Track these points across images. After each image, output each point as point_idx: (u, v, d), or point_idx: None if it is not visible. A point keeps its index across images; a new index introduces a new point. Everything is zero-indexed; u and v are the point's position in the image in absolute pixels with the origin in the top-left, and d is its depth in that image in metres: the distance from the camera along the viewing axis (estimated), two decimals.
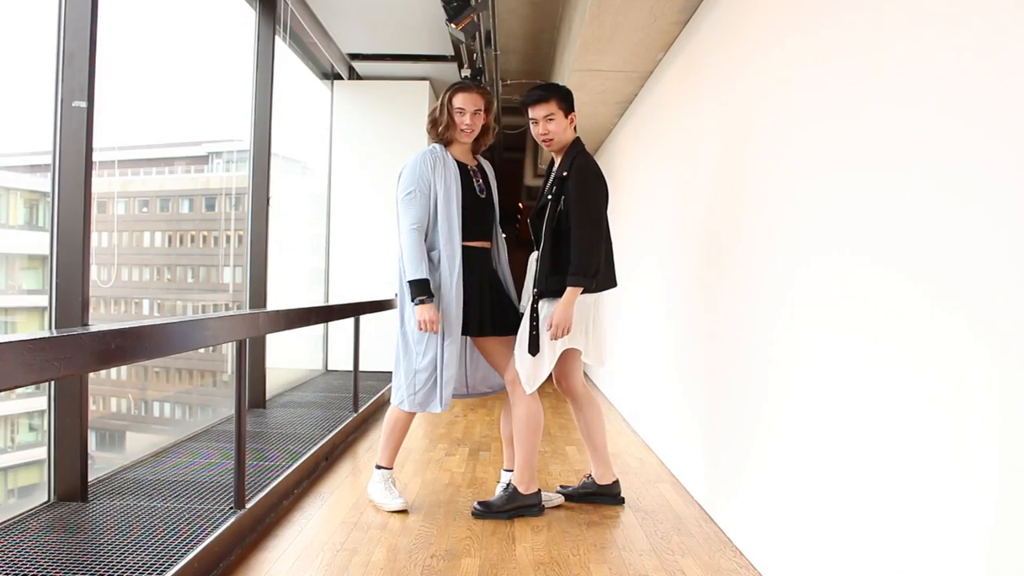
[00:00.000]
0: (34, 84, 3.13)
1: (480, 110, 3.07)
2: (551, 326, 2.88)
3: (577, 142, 3.06)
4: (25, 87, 3.30)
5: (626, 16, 3.67)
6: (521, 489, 2.99)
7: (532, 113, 3.04)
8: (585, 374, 7.45)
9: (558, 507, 3.14)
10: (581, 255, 2.87)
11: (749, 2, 2.83)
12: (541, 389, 3.03)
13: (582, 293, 2.93)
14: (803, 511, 2.16)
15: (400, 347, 3.08)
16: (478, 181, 3.11)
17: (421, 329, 2.95)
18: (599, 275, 2.92)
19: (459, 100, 3.04)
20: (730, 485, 2.83)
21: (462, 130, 3.06)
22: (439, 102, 3.10)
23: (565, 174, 2.95)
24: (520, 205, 14.24)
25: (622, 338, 5.43)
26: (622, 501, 3.18)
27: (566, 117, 3.02)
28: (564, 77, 5.03)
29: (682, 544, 2.72)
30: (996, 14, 1.39)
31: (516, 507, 2.97)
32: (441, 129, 3.07)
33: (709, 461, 3.11)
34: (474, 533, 2.80)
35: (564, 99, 3.02)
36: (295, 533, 2.78)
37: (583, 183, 2.92)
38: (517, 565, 2.49)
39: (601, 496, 3.17)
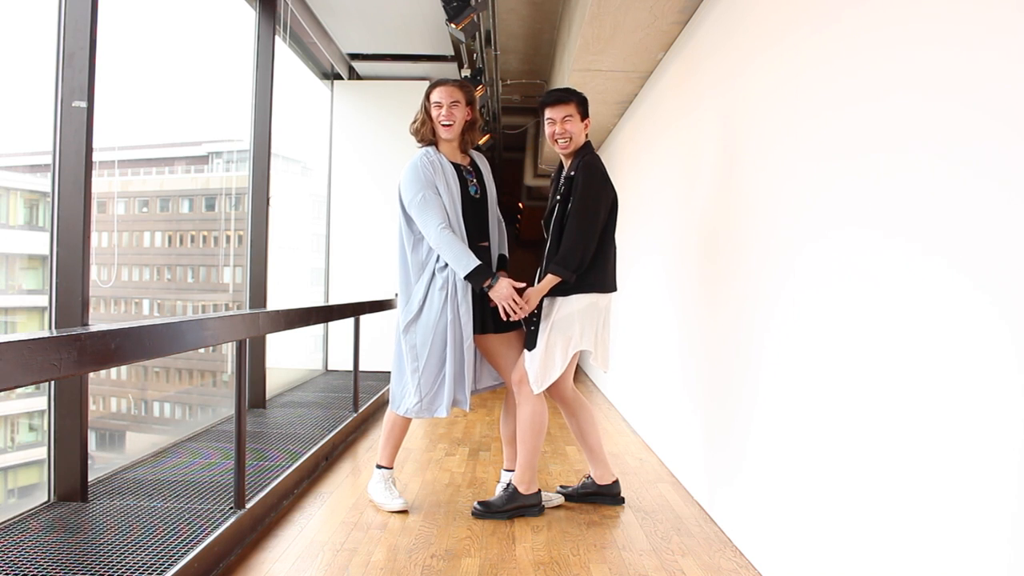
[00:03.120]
0: (34, 84, 3.13)
1: (458, 102, 3.03)
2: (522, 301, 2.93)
3: (588, 145, 3.08)
4: (25, 87, 3.30)
5: (626, 16, 3.67)
6: (521, 489, 2.99)
7: (551, 113, 3.04)
8: (585, 374, 7.45)
9: (558, 507, 3.14)
10: (569, 247, 2.89)
11: (749, 2, 2.83)
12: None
13: (594, 293, 2.94)
14: (803, 511, 2.16)
15: (402, 353, 3.06)
16: (472, 181, 3.09)
17: (507, 306, 2.89)
18: (580, 272, 2.91)
19: (435, 95, 3.04)
20: (730, 485, 2.83)
21: (441, 124, 3.02)
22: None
23: (573, 174, 2.97)
24: (520, 205, 14.24)
25: (622, 338, 5.42)
26: (622, 501, 3.18)
27: (582, 121, 3.04)
28: (564, 77, 5.03)
29: (682, 544, 2.72)
30: (989, 13, 1.40)
31: (516, 507, 2.98)
32: (418, 126, 3.05)
33: (709, 461, 3.11)
34: (474, 533, 2.80)
35: (582, 104, 3.06)
36: (295, 533, 2.78)
37: (588, 179, 2.93)
38: (517, 565, 2.49)
39: (601, 496, 3.18)
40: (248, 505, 2.75)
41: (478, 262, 2.91)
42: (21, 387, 1.75)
